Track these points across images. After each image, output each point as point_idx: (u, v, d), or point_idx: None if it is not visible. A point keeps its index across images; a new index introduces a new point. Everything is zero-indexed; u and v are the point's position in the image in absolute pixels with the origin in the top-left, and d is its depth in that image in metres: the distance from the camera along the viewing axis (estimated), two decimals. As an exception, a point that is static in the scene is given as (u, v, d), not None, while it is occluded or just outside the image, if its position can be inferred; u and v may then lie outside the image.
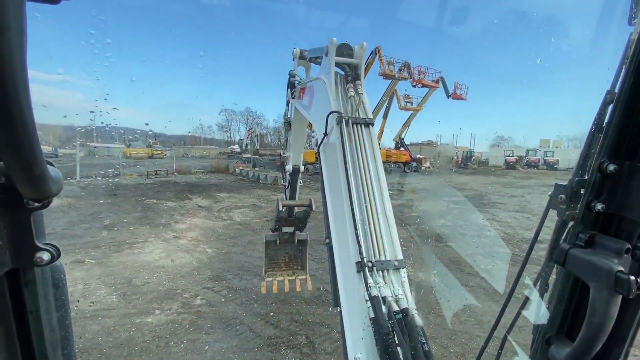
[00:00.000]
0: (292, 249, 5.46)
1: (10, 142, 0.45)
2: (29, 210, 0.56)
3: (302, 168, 5.36)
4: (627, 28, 0.81)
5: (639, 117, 0.73)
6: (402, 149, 33.94)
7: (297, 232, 5.32)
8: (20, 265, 0.59)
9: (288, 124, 4.88)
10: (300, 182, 5.46)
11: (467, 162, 42.80)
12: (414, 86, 30.59)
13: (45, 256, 0.59)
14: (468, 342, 4.48)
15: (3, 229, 0.55)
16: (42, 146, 0.49)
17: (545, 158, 43.09)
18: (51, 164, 0.54)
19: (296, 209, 5.04)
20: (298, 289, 5.19)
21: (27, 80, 0.44)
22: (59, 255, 0.61)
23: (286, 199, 5.40)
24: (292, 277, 5.28)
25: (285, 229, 5.24)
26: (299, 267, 5.46)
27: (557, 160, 40.95)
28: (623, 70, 0.76)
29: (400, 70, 28.87)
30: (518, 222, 11.55)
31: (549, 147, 49.25)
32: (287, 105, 4.70)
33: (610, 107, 0.78)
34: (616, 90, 0.76)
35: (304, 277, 5.32)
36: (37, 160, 0.48)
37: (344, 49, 2.52)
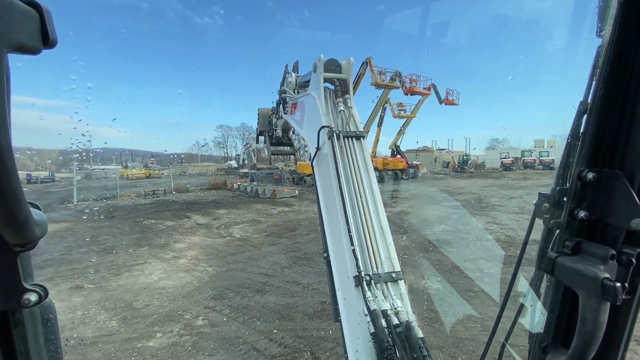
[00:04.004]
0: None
1: None
2: (15, 253, 0.56)
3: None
4: (595, 40, 0.84)
5: (612, 125, 0.75)
6: (398, 156, 34.11)
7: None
8: (8, 308, 0.58)
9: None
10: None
11: (464, 166, 43.04)
12: (406, 94, 31.01)
13: (33, 297, 0.58)
14: (476, 350, 4.41)
15: None
16: (38, 171, 0.48)
17: (541, 158, 43.33)
18: (36, 207, 0.54)
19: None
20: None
21: (9, 129, 0.45)
22: (46, 295, 0.60)
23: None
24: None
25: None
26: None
27: (553, 159, 41.13)
28: (594, 81, 0.78)
29: (391, 79, 29.31)
30: (518, 224, 11.53)
31: (543, 147, 49.57)
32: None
33: (584, 117, 0.80)
34: (589, 101, 0.79)
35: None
36: (20, 207, 0.48)
37: (332, 65, 2.56)
